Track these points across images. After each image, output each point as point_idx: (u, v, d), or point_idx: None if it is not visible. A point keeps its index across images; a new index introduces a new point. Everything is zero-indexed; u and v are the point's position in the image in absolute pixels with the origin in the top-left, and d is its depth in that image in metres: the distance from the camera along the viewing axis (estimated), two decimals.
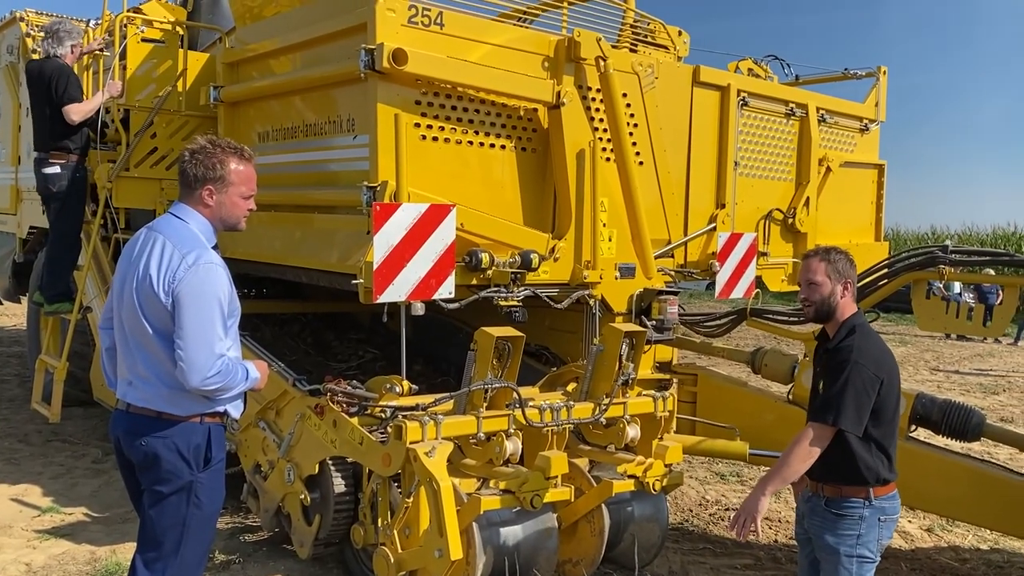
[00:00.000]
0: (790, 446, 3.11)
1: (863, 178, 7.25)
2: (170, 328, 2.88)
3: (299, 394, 4.44)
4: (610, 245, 5.10)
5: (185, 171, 3.04)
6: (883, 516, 3.17)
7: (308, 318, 6.93)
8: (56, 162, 5.93)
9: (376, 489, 4.01)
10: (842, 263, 3.29)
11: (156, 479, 2.97)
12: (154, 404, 2.96)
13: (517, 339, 4.06)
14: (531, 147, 4.91)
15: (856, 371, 3.09)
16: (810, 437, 3.09)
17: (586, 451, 4.62)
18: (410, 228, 3.97)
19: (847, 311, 3.29)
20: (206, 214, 3.04)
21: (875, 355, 3.18)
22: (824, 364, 3.28)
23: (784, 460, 3.11)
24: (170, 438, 2.95)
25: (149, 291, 2.89)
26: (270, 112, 5.41)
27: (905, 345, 16.46)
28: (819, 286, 3.26)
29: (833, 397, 3.09)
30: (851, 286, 3.30)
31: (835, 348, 3.23)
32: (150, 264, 2.90)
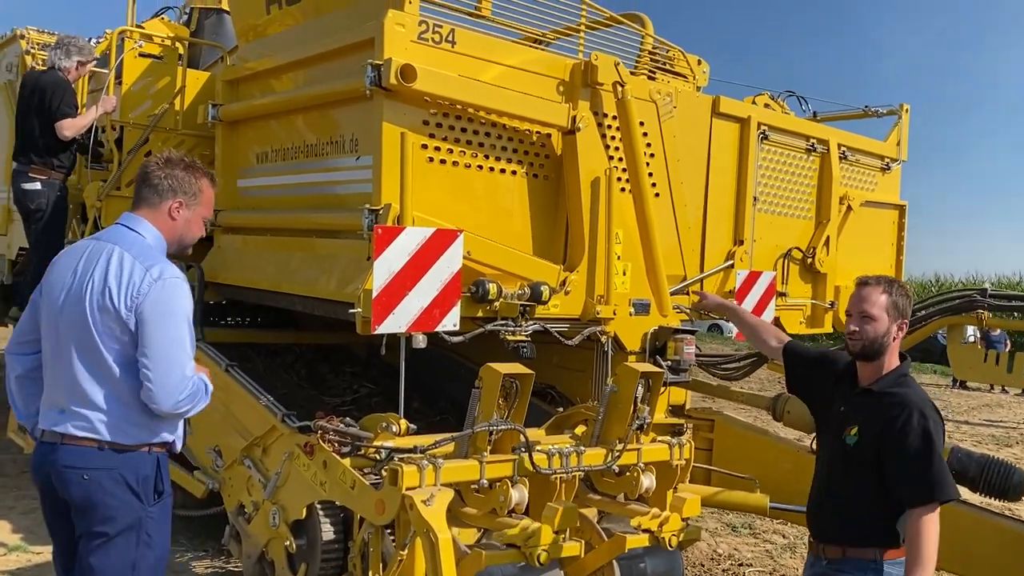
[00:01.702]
0: (919, 537, 2.73)
1: (884, 219, 7.00)
2: (128, 346, 2.69)
3: (288, 431, 4.13)
4: (624, 279, 4.82)
5: (155, 182, 2.86)
6: None
7: (302, 349, 6.61)
8: (37, 177, 5.67)
9: (368, 538, 3.68)
10: (904, 300, 2.96)
11: (101, 519, 2.68)
12: (99, 433, 2.70)
13: (526, 377, 3.75)
14: (543, 174, 4.66)
15: (936, 432, 2.78)
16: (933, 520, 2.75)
17: (596, 501, 4.28)
18: (414, 254, 3.69)
19: (895, 357, 2.97)
20: (165, 229, 2.87)
21: (936, 406, 2.89)
22: (865, 410, 2.90)
23: (925, 555, 2.72)
24: (116, 470, 2.70)
25: (107, 306, 2.68)
26: (270, 132, 5.16)
27: None
28: (875, 321, 2.91)
29: (928, 468, 2.75)
30: (905, 327, 2.98)
31: (887, 396, 2.88)
32: (108, 277, 2.69)
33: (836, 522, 2.86)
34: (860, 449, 2.86)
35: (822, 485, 3.04)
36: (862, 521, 2.80)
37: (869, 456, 2.83)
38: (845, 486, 2.90)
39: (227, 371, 4.69)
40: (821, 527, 2.97)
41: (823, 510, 3.00)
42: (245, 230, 5.39)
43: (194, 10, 7.44)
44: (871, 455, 2.83)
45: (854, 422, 2.91)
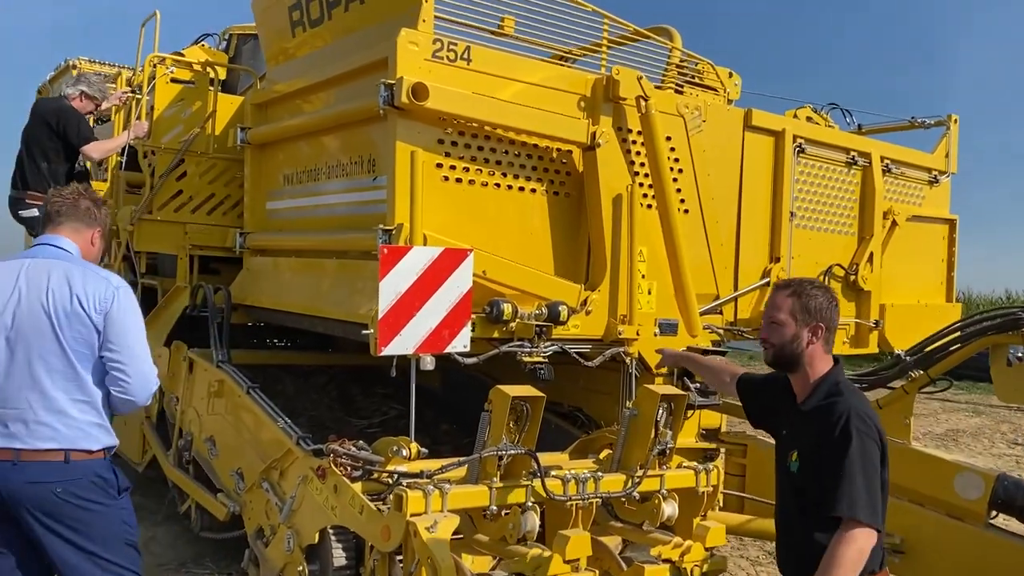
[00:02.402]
0: (829, 557, 2.44)
1: (933, 234, 6.71)
2: (94, 351, 2.85)
3: (302, 454, 4.08)
4: (649, 299, 4.68)
5: (85, 210, 3.07)
6: None
7: (335, 370, 6.60)
8: (33, 204, 5.71)
9: (375, 565, 3.59)
10: (816, 301, 2.68)
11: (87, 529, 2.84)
12: (64, 442, 2.80)
13: (536, 399, 3.63)
14: (564, 191, 4.56)
15: (862, 445, 2.48)
16: (849, 540, 2.42)
17: (617, 529, 4.13)
18: (421, 274, 3.62)
19: (820, 365, 2.69)
20: (86, 252, 3.08)
21: (873, 418, 2.58)
22: (801, 431, 2.66)
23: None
24: (84, 478, 2.83)
25: (79, 312, 2.83)
26: (295, 153, 5.19)
27: (979, 415, 15.43)
28: (781, 327, 2.68)
29: (842, 483, 2.46)
30: (822, 332, 2.68)
31: (817, 411, 2.62)
32: (73, 287, 2.84)
33: (793, 560, 2.62)
34: (802, 476, 2.61)
35: (779, 521, 2.80)
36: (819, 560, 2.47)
37: (811, 480, 2.56)
38: (798, 524, 2.62)
39: (249, 393, 4.68)
40: (786, 569, 2.73)
41: (785, 550, 2.75)
42: (272, 252, 5.42)
43: (232, 36, 7.59)
44: (812, 479, 2.57)
45: (794, 446, 2.67)
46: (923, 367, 4.41)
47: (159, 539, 5.54)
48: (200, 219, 5.87)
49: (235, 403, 4.86)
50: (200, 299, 5.36)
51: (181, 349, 5.51)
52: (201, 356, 5.27)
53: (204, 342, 5.29)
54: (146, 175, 5.81)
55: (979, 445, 12.13)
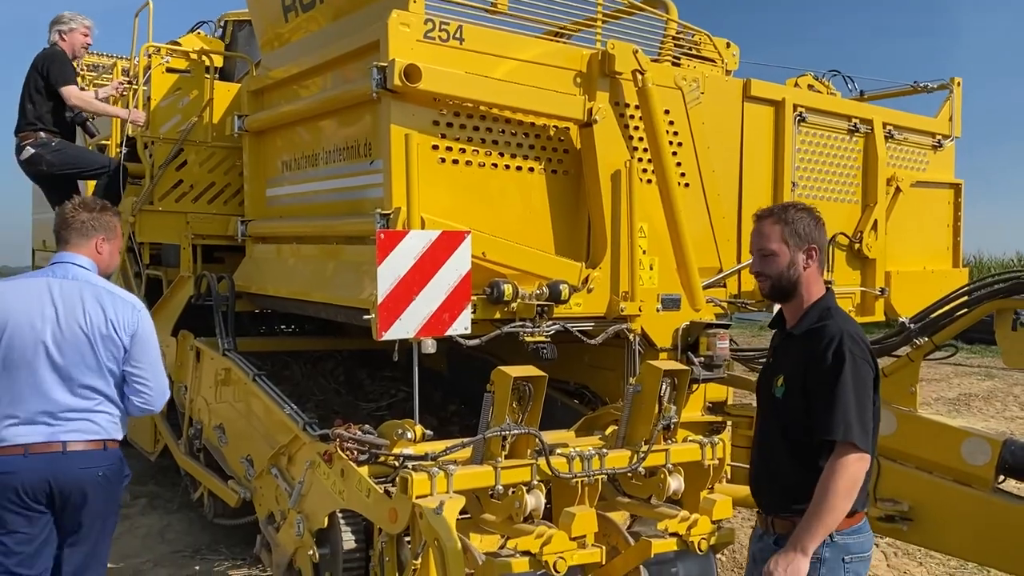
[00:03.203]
0: (824, 483, 2.42)
1: (937, 199, 6.65)
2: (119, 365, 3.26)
3: (309, 439, 4.11)
4: (651, 274, 4.67)
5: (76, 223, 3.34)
6: (848, 556, 2.51)
7: (343, 355, 6.63)
8: (25, 143, 5.79)
9: (384, 547, 3.63)
10: (804, 224, 2.61)
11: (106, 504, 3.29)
12: (102, 434, 3.24)
13: (539, 379, 3.64)
14: (562, 169, 4.54)
15: (855, 367, 2.42)
16: (843, 465, 2.39)
17: (624, 504, 4.15)
18: (419, 257, 3.62)
19: (814, 290, 2.62)
20: (99, 260, 3.40)
21: (866, 341, 2.51)
22: (789, 355, 2.61)
23: (827, 504, 2.39)
24: (114, 463, 3.28)
25: (111, 335, 3.23)
26: (293, 139, 5.17)
27: (991, 379, 15.38)
28: (776, 256, 2.60)
29: (836, 404, 2.40)
30: (817, 254, 2.62)
31: (808, 334, 2.55)
32: (106, 311, 3.23)
33: (777, 491, 2.57)
34: (788, 400, 2.55)
35: (758, 452, 2.74)
36: (804, 487, 2.46)
37: (798, 407, 2.51)
38: (781, 448, 2.58)
39: (255, 380, 4.71)
40: (763, 498, 2.67)
41: (762, 479, 2.69)
42: (273, 239, 5.42)
43: (228, 23, 7.56)
44: (798, 404, 2.51)
45: (780, 371, 2.61)
46: (928, 334, 4.39)
47: (174, 526, 5.61)
48: (201, 208, 5.88)
49: (242, 390, 4.89)
50: (204, 288, 5.37)
51: (188, 338, 5.54)
52: (208, 345, 5.30)
53: (211, 331, 5.32)
54: (146, 166, 5.81)
55: (991, 409, 12.09)
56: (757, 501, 2.76)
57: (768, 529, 2.63)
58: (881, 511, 4.24)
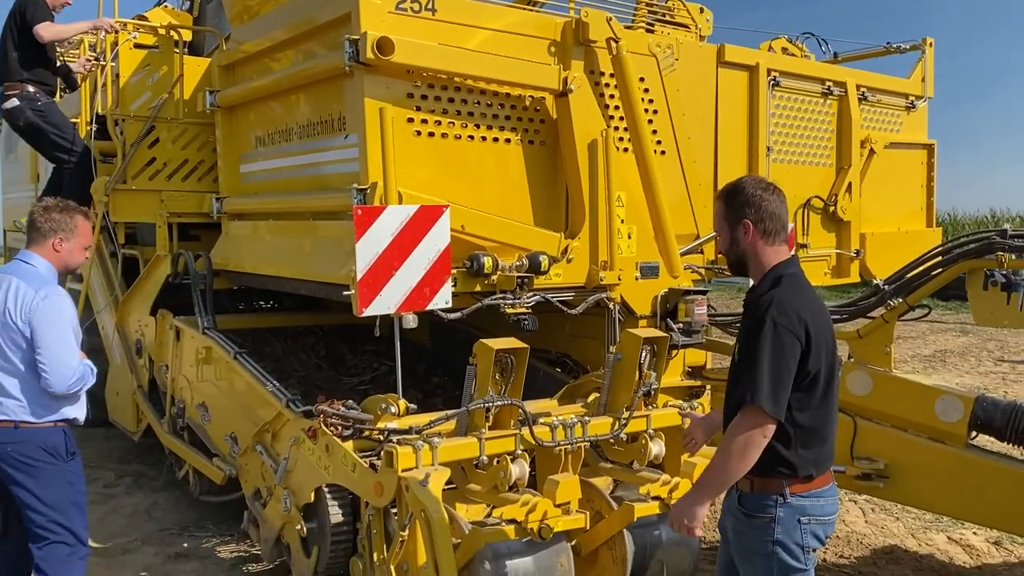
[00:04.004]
0: (723, 441, 2.51)
1: (911, 160, 6.71)
2: (27, 351, 3.50)
3: (293, 416, 4.12)
4: (629, 243, 4.70)
5: (38, 224, 3.64)
6: (804, 517, 2.55)
7: (323, 330, 6.63)
8: (11, 93, 5.74)
9: (371, 520, 3.67)
10: (739, 198, 2.64)
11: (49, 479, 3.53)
12: (11, 415, 3.51)
13: (520, 351, 3.67)
14: (539, 140, 4.53)
15: (775, 335, 2.44)
16: (741, 426, 2.46)
17: (607, 470, 4.21)
18: (398, 232, 3.62)
19: (767, 258, 2.63)
20: (53, 259, 3.65)
21: (798, 311, 2.50)
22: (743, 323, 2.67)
23: (717, 461, 2.49)
24: (31, 441, 3.52)
25: (8, 322, 3.50)
26: (265, 115, 5.12)
27: (966, 335, 15.64)
28: (719, 236, 2.72)
29: (749, 367, 2.45)
30: (753, 226, 2.62)
31: (751, 302, 2.60)
32: (8, 301, 3.51)
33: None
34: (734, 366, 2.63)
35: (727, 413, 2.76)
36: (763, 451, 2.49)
37: (736, 373, 2.56)
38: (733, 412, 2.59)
39: (236, 358, 4.70)
40: None
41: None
42: (249, 216, 5.39)
43: None
44: (737, 372, 2.58)
45: (739, 339, 2.67)
46: (902, 295, 4.46)
47: (160, 504, 5.62)
48: (175, 186, 5.82)
49: (224, 369, 4.88)
50: (182, 267, 5.34)
51: (167, 318, 5.51)
52: (187, 324, 5.28)
53: (189, 309, 5.30)
54: (117, 144, 5.73)
55: (966, 364, 12.32)
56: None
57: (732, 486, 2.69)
58: (858, 469, 4.34)
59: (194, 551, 4.87)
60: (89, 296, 6.31)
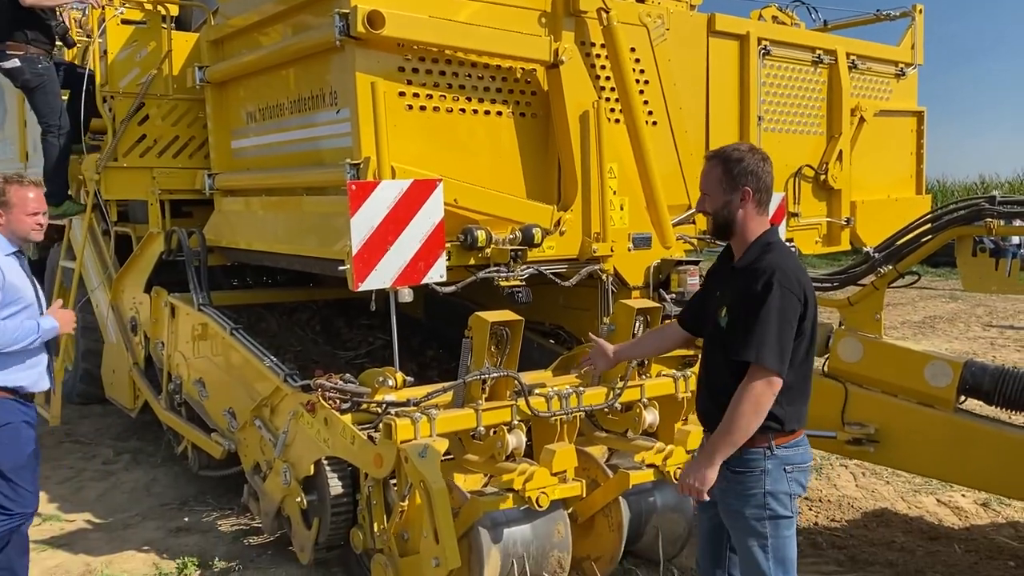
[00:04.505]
0: (734, 402, 2.60)
1: (901, 127, 6.73)
2: None
3: (291, 390, 4.16)
4: (622, 214, 4.72)
5: None
6: (788, 466, 2.70)
7: (318, 305, 6.66)
8: (13, 54, 5.70)
9: (370, 491, 3.72)
10: (739, 166, 2.70)
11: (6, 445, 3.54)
12: None
13: (515, 323, 3.71)
14: (531, 112, 4.54)
15: (782, 298, 2.55)
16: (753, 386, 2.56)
17: (602, 439, 4.27)
18: (392, 207, 3.64)
19: (754, 227, 2.73)
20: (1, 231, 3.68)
21: (798, 277, 2.64)
22: (731, 287, 2.75)
23: (734, 422, 2.59)
24: None
25: None
26: (256, 90, 5.10)
27: (955, 301, 15.77)
28: (709, 196, 2.76)
29: (755, 329, 2.55)
30: (752, 195, 2.70)
31: (746, 268, 2.68)
32: None
33: (719, 410, 2.69)
34: (730, 331, 2.68)
35: (704, 376, 2.91)
36: None
37: (739, 336, 2.64)
38: (724, 373, 2.70)
39: (232, 334, 4.73)
40: (711, 422, 2.82)
41: (708, 402, 2.85)
42: (242, 192, 5.38)
43: None
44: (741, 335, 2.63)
45: (724, 303, 2.73)
46: (892, 262, 4.50)
47: (159, 480, 5.67)
48: (167, 163, 5.80)
49: (220, 345, 4.91)
50: (175, 244, 5.34)
51: (162, 295, 5.52)
52: (182, 300, 5.30)
53: (183, 286, 5.31)
54: (107, 121, 5.70)
55: (955, 330, 12.43)
56: (703, 423, 2.91)
57: None
58: (849, 434, 4.41)
59: (195, 525, 4.92)
60: (83, 275, 6.31)
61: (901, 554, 4.57)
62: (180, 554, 4.43)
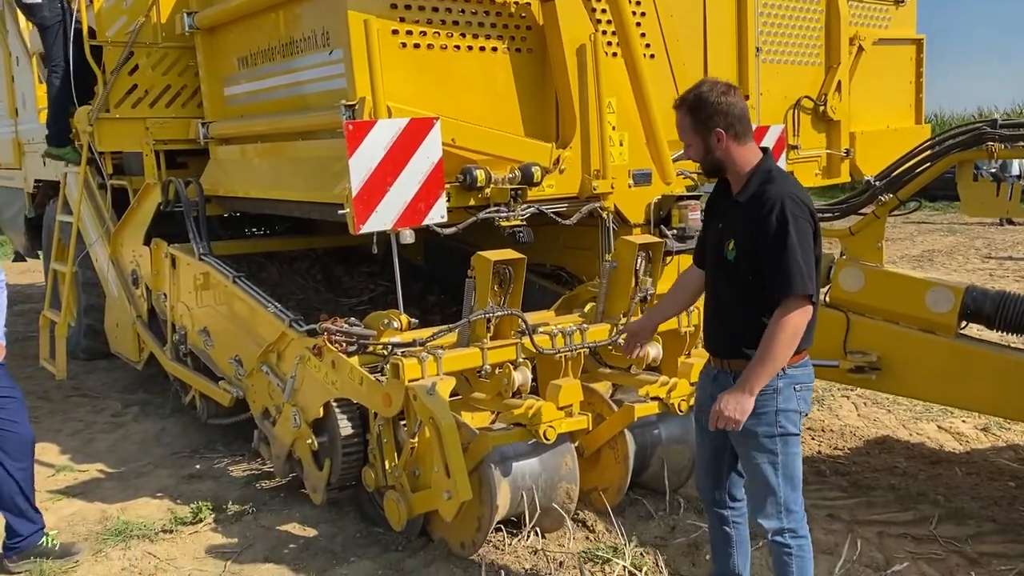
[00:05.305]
0: (770, 333, 2.65)
1: (900, 56, 6.65)
2: None
3: (297, 335, 4.18)
4: (621, 151, 4.69)
5: None
6: (797, 385, 2.80)
7: (318, 254, 6.66)
8: None
9: (380, 430, 3.77)
10: (705, 111, 2.70)
11: None
12: None
13: (518, 262, 3.71)
14: (526, 47, 4.47)
15: (797, 227, 2.61)
16: (788, 316, 2.61)
17: (606, 375, 4.31)
18: (390, 147, 3.61)
19: (744, 158, 2.75)
20: None
21: (804, 201, 2.70)
22: (737, 220, 2.77)
23: (772, 351, 2.64)
24: None
25: None
26: (247, 34, 5.01)
27: (953, 234, 15.78)
28: (690, 147, 2.80)
29: (781, 265, 2.60)
30: (726, 133, 2.71)
31: (751, 201, 2.71)
32: None
33: (731, 338, 2.81)
34: (739, 262, 2.75)
35: (712, 305, 2.97)
36: (753, 334, 2.71)
37: (748, 266, 2.71)
38: (733, 302, 2.81)
39: (235, 282, 4.73)
40: (719, 346, 2.91)
41: (716, 329, 2.93)
42: (237, 139, 5.33)
43: None
44: (749, 264, 2.71)
45: (731, 236, 2.77)
46: (892, 190, 4.49)
47: (169, 430, 5.73)
48: (159, 113, 5.73)
49: (223, 293, 4.92)
50: (172, 194, 5.31)
51: (161, 246, 5.51)
52: (182, 251, 5.29)
53: (182, 237, 5.30)
54: (97, 72, 5.62)
55: (954, 263, 12.46)
56: (712, 350, 2.97)
57: (725, 368, 2.88)
58: (851, 363, 4.44)
59: (207, 472, 4.99)
60: (80, 230, 6.29)
61: (903, 478, 4.65)
62: (194, 499, 4.50)
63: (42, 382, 6.95)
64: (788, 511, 2.82)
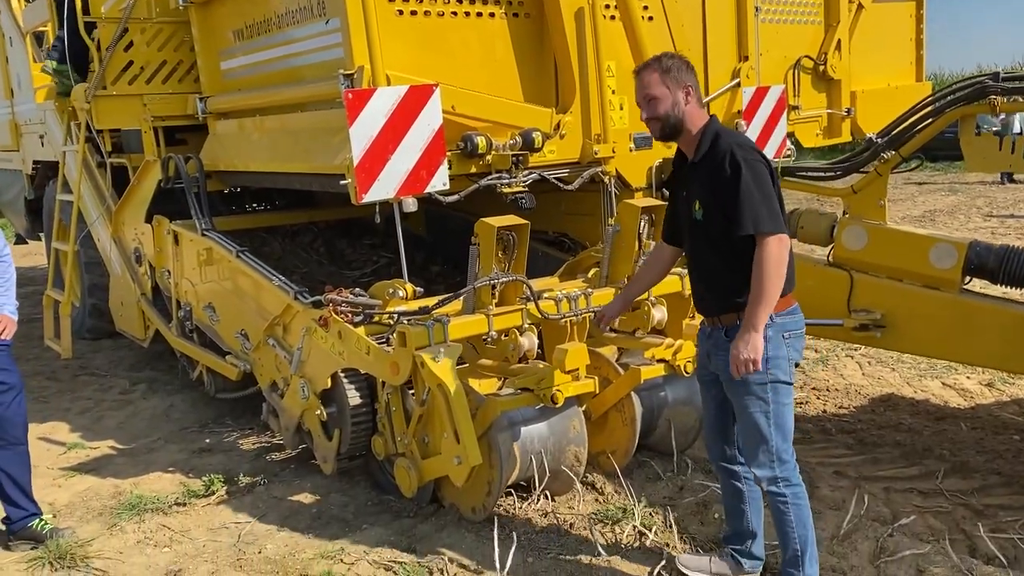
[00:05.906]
0: (757, 270, 2.73)
1: (899, 13, 6.59)
2: None
3: (302, 307, 4.19)
4: (622, 114, 4.67)
5: None
6: (786, 333, 2.89)
7: (320, 227, 6.65)
8: None
9: (389, 398, 3.79)
10: (677, 69, 2.92)
11: None
12: None
13: (521, 227, 3.71)
14: (524, 12, 4.43)
15: (750, 168, 2.74)
16: (766, 254, 2.71)
17: (612, 339, 4.32)
18: (390, 115, 3.59)
19: (698, 120, 2.93)
20: None
21: (753, 146, 2.87)
22: (696, 182, 2.91)
23: (762, 286, 2.72)
24: None
25: None
26: (241, 7, 4.96)
27: (955, 194, 15.72)
28: (659, 100, 2.91)
29: (742, 206, 2.72)
30: (693, 91, 2.93)
31: (704, 159, 2.87)
32: None
33: (718, 294, 2.93)
34: (708, 219, 2.88)
35: (694, 270, 3.09)
36: (739, 284, 2.81)
37: (718, 221, 2.83)
38: (712, 260, 2.94)
39: (238, 257, 4.74)
40: (707, 306, 3.03)
41: (703, 288, 3.03)
42: (235, 113, 5.30)
43: None
44: (718, 219, 2.83)
45: (695, 198, 2.92)
46: (895, 147, 4.47)
47: (177, 406, 5.77)
48: (156, 89, 5.69)
49: (227, 268, 4.92)
50: (172, 171, 5.30)
51: (163, 223, 5.51)
52: (185, 227, 5.29)
53: (183, 214, 5.29)
54: (92, 49, 5.58)
55: (955, 222, 12.44)
56: (702, 309, 3.07)
57: (716, 324, 2.98)
58: (856, 321, 4.46)
59: (217, 445, 5.03)
60: (81, 209, 6.28)
61: (908, 435, 4.69)
62: (205, 472, 4.54)
63: (49, 362, 6.98)
64: (780, 460, 2.91)
